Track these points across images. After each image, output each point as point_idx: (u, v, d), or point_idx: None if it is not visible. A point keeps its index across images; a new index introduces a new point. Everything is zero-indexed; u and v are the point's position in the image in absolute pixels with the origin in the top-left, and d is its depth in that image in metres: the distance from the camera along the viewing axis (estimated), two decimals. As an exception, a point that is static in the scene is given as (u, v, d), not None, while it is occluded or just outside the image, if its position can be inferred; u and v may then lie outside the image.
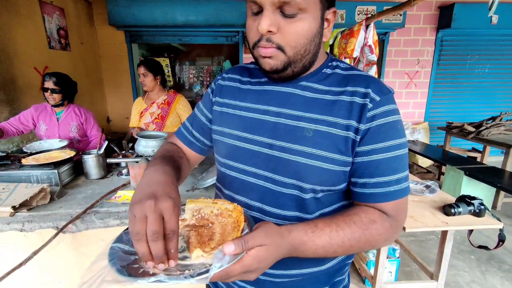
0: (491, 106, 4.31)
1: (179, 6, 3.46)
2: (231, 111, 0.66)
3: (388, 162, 0.55)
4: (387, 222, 0.56)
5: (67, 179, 1.60)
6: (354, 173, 0.57)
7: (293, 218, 0.60)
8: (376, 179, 0.55)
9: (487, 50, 4.14)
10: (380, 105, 0.55)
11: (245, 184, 0.63)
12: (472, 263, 2.16)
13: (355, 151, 0.56)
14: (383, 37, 4.02)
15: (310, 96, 0.59)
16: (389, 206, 0.56)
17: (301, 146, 0.56)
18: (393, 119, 0.55)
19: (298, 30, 0.52)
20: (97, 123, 2.17)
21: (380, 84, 0.57)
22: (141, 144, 1.51)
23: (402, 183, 0.56)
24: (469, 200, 1.45)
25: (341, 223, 0.53)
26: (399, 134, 0.56)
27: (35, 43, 2.63)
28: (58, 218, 1.23)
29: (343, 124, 0.55)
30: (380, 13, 1.71)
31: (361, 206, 0.57)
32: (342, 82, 0.58)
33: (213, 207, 0.57)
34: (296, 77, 0.60)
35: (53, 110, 2.00)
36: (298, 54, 0.54)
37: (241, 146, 0.63)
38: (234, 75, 0.71)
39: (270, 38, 0.52)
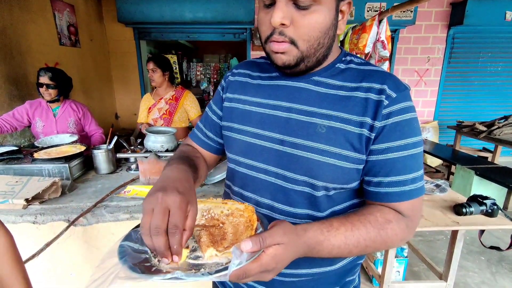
0: (503, 105, 4.22)
1: (187, 3, 3.47)
2: (241, 106, 0.65)
3: (404, 160, 0.53)
4: (403, 222, 0.55)
5: (78, 173, 1.62)
6: (369, 171, 0.56)
7: (304, 216, 0.59)
8: (391, 178, 0.54)
9: (500, 48, 4.04)
10: (396, 102, 0.53)
11: (255, 180, 0.62)
12: (482, 264, 2.12)
13: (369, 149, 0.54)
14: (393, 34, 3.95)
15: (323, 91, 0.57)
16: (404, 205, 0.55)
17: (313, 142, 0.55)
18: (410, 117, 0.54)
19: (312, 23, 0.50)
20: (95, 117, 2.16)
21: (397, 81, 0.55)
22: (150, 140, 1.52)
23: (418, 182, 0.55)
24: (481, 200, 1.42)
25: (356, 223, 0.52)
26: (415, 132, 0.54)
27: (46, 40, 2.67)
28: (69, 211, 1.25)
29: (357, 121, 0.53)
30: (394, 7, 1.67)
31: (376, 205, 0.56)
32: (356, 77, 0.57)
33: (223, 207, 0.55)
34: (309, 71, 0.58)
35: (48, 106, 1.98)
36: (312, 48, 0.53)
37: (252, 142, 0.61)
38: (244, 70, 0.70)
39: (283, 32, 0.51)
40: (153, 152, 1.50)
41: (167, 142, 1.53)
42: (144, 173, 1.52)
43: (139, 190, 1.44)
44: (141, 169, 1.53)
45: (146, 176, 1.51)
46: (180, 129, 2.28)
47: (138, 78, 4.01)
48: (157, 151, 1.50)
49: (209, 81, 5.40)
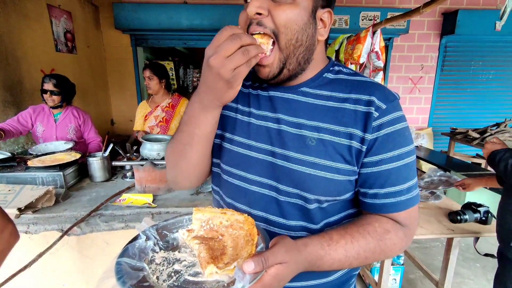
0: (495, 112, 4.29)
1: (184, 10, 3.50)
2: (232, 115, 0.64)
3: (398, 171, 0.54)
4: (401, 232, 0.55)
5: (72, 181, 1.61)
6: (364, 183, 0.56)
7: (298, 228, 0.58)
8: (387, 189, 0.54)
9: (491, 57, 4.13)
10: (387, 113, 0.53)
11: (248, 192, 0.61)
12: (478, 271, 2.13)
13: (362, 161, 0.54)
14: (387, 42, 4.02)
15: (312, 102, 0.57)
16: (401, 215, 0.55)
17: (304, 155, 0.54)
18: (401, 127, 0.54)
19: (288, 13, 0.50)
20: (95, 126, 2.17)
21: (385, 91, 0.55)
22: (146, 147, 1.51)
23: (413, 191, 0.55)
24: (475, 208, 1.44)
25: (355, 234, 0.52)
26: (407, 142, 0.54)
27: (43, 46, 2.66)
28: (63, 221, 1.23)
29: (346, 132, 0.53)
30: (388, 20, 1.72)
31: (374, 216, 0.56)
32: (345, 88, 0.56)
33: (222, 217, 0.54)
34: (294, 78, 0.57)
35: (50, 112, 2.01)
36: (290, 44, 0.52)
37: (244, 153, 0.60)
38: None
39: (261, 22, 0.50)
40: (149, 160, 1.49)
41: (163, 150, 1.52)
42: (140, 181, 1.51)
43: (135, 199, 1.43)
44: (136, 177, 1.52)
45: (141, 184, 1.51)
46: None
47: (135, 84, 4.01)
48: (153, 159, 1.50)
49: (205, 87, 5.41)
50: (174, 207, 1.36)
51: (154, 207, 1.36)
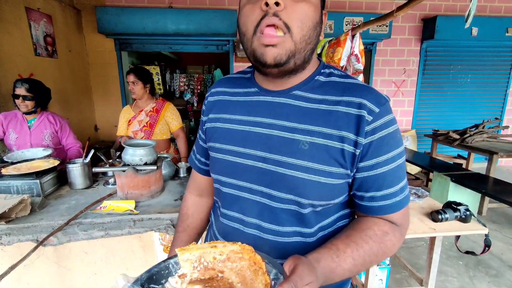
0: (474, 114, 4.47)
1: (169, 15, 3.48)
2: (221, 125, 0.64)
3: (393, 173, 0.54)
4: (398, 232, 0.56)
5: (50, 189, 1.54)
6: (360, 187, 0.56)
7: (292, 233, 0.58)
8: (383, 191, 0.55)
9: (468, 61, 4.31)
10: (380, 117, 0.52)
11: (240, 200, 0.61)
12: (461, 268, 2.18)
13: (357, 165, 0.54)
14: (370, 47, 4.13)
15: (304, 106, 0.56)
16: (397, 216, 0.56)
17: (297, 159, 0.54)
18: (393, 129, 0.54)
19: (305, 10, 0.49)
20: (74, 131, 2.10)
21: (377, 94, 0.55)
22: (128, 153, 1.48)
23: (405, 191, 0.57)
24: (455, 206, 1.48)
25: (359, 241, 0.52)
26: (399, 143, 0.55)
27: (21, 50, 2.58)
28: (38, 231, 1.18)
29: (338, 136, 0.53)
30: (365, 23, 1.77)
31: (371, 218, 0.56)
32: (337, 91, 0.55)
33: (214, 252, 0.46)
34: (291, 74, 0.56)
35: (24, 118, 1.92)
36: (303, 39, 0.50)
37: (234, 161, 0.60)
38: (221, 87, 0.68)
39: (277, 13, 0.48)
40: (131, 165, 1.45)
41: (146, 155, 1.49)
42: (122, 187, 1.47)
43: (116, 206, 1.39)
44: (118, 183, 1.48)
45: (124, 190, 1.46)
46: (162, 141, 2.24)
47: (119, 89, 3.93)
48: (135, 165, 1.46)
49: (192, 92, 5.38)
50: (157, 213, 1.32)
51: (136, 214, 1.32)
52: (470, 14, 1.02)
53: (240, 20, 0.53)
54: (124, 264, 1.26)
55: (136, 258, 1.26)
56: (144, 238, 1.26)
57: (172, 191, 1.59)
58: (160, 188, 1.55)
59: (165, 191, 1.59)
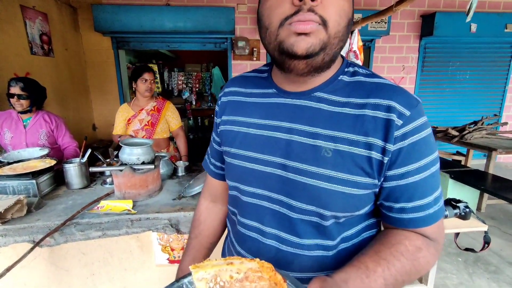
0: (473, 110, 4.46)
1: (167, 12, 3.45)
2: (236, 129, 0.60)
3: (425, 182, 0.49)
4: (432, 247, 0.51)
5: (47, 190, 1.53)
6: (388, 197, 0.51)
7: (313, 247, 0.54)
8: (414, 203, 0.49)
9: (467, 57, 4.30)
10: (411, 121, 0.47)
11: (258, 209, 0.57)
12: (460, 265, 2.19)
13: (384, 174, 0.49)
14: (369, 44, 4.11)
15: (326, 109, 0.51)
16: (430, 229, 0.51)
17: (319, 168, 0.49)
18: (426, 134, 0.49)
19: (342, 4, 0.45)
20: (70, 130, 2.08)
21: (408, 95, 0.49)
22: (126, 152, 1.46)
23: (439, 202, 0.51)
24: (454, 203, 1.47)
25: (390, 258, 0.47)
26: (432, 149, 0.50)
27: (16, 49, 2.55)
28: (35, 231, 1.17)
29: (364, 142, 0.48)
30: (364, 19, 1.75)
31: (402, 232, 0.51)
32: (363, 92, 0.50)
33: (230, 270, 0.43)
34: (322, 69, 0.50)
35: (19, 117, 1.90)
36: (337, 35, 0.46)
37: (251, 168, 0.56)
38: (236, 87, 0.64)
39: (313, 8, 0.43)
40: (128, 165, 1.44)
41: (143, 154, 1.48)
42: (119, 186, 1.45)
43: (114, 205, 1.37)
44: (115, 183, 1.46)
45: (121, 190, 1.45)
46: (162, 139, 2.25)
47: (117, 88, 3.91)
48: (132, 164, 1.45)
49: (191, 90, 5.36)
50: (154, 213, 1.31)
51: (134, 214, 1.31)
52: (472, 8, 1.01)
53: (264, 13, 0.47)
54: (122, 264, 1.25)
55: (134, 259, 1.25)
56: (142, 238, 1.25)
57: (170, 190, 1.58)
58: (158, 187, 1.54)
59: (163, 190, 1.58)
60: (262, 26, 0.49)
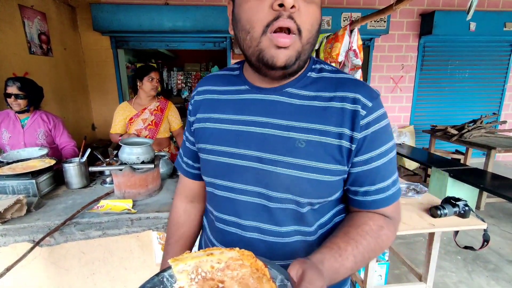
0: (472, 109, 4.47)
1: (166, 12, 3.44)
2: (212, 125, 0.61)
3: (385, 166, 0.55)
4: (392, 225, 0.57)
5: (47, 189, 1.53)
6: (354, 182, 0.56)
7: (292, 233, 0.57)
8: (377, 185, 0.55)
9: (466, 56, 4.31)
10: (373, 111, 0.53)
11: (236, 203, 0.58)
12: (459, 263, 2.19)
13: (351, 160, 0.54)
14: (368, 42, 4.11)
15: (298, 103, 0.55)
16: (390, 209, 0.57)
17: (294, 158, 0.53)
18: (385, 123, 0.54)
19: (314, 13, 0.48)
20: (68, 130, 2.08)
21: (369, 88, 0.55)
22: (125, 151, 1.46)
23: (397, 184, 0.58)
24: (454, 202, 1.48)
25: (357, 237, 0.52)
26: (390, 137, 0.56)
27: (15, 49, 2.54)
28: (34, 231, 1.16)
29: (335, 132, 0.52)
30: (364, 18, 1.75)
31: (366, 214, 0.57)
32: (330, 86, 0.55)
33: (211, 260, 0.43)
34: (296, 72, 0.55)
35: (17, 117, 1.90)
36: (309, 41, 0.50)
37: (227, 162, 0.58)
38: (209, 86, 0.65)
39: (292, 16, 0.46)
40: (128, 164, 1.44)
41: (143, 153, 1.47)
42: (119, 186, 1.45)
43: (113, 205, 1.37)
44: (115, 182, 1.46)
45: (121, 189, 1.45)
46: (164, 139, 2.27)
47: (116, 87, 3.90)
48: (132, 163, 1.45)
49: (190, 89, 5.35)
50: (154, 212, 1.31)
51: (134, 213, 1.31)
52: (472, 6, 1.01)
53: (242, 15, 0.49)
54: (122, 264, 1.25)
55: (134, 258, 1.25)
56: (142, 237, 1.25)
57: (170, 189, 1.58)
58: (157, 186, 1.54)
59: (163, 189, 1.58)
60: (241, 29, 0.50)
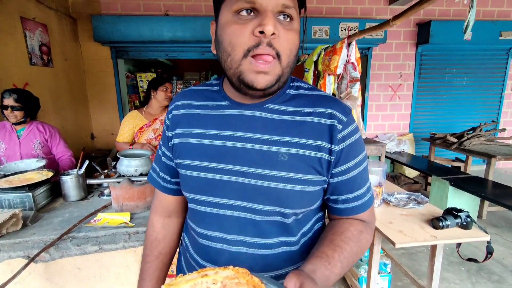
0: (470, 117, 4.48)
1: (166, 22, 3.48)
2: (192, 141, 0.60)
3: (361, 175, 0.60)
4: (369, 229, 0.62)
5: (44, 202, 1.51)
6: (334, 191, 0.60)
7: (277, 244, 0.59)
8: (354, 193, 0.60)
9: (463, 64, 4.34)
10: (348, 125, 0.57)
11: (220, 218, 0.59)
12: (463, 274, 2.16)
13: (331, 171, 0.57)
14: (366, 51, 4.15)
15: (278, 118, 0.57)
16: (367, 214, 0.62)
17: (278, 171, 0.54)
18: (358, 136, 0.59)
19: (292, 38, 0.50)
20: (64, 139, 2.07)
21: (342, 104, 0.59)
22: (123, 164, 1.45)
23: (371, 190, 0.63)
24: (456, 213, 1.46)
25: (341, 244, 0.55)
26: (362, 148, 0.60)
27: (15, 60, 2.56)
28: (30, 246, 1.14)
29: (314, 145, 0.55)
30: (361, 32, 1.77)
31: (345, 220, 0.61)
32: (308, 103, 0.58)
33: (206, 281, 0.42)
34: (275, 92, 0.57)
35: (13, 128, 1.90)
36: (288, 65, 0.52)
37: (210, 178, 0.58)
38: (187, 100, 0.64)
39: (271, 43, 0.48)
40: (126, 176, 1.43)
41: (141, 165, 1.47)
42: (117, 199, 1.44)
43: (111, 218, 1.36)
44: (113, 195, 1.45)
45: (119, 202, 1.43)
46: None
47: (116, 97, 3.91)
48: (130, 176, 1.43)
49: (190, 98, 5.37)
50: (152, 226, 1.29)
51: (132, 227, 1.29)
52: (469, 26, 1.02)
53: (224, 37, 0.51)
54: (119, 279, 1.23)
55: (131, 273, 1.23)
56: (139, 252, 1.23)
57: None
58: (156, 199, 1.52)
59: (161, 201, 1.56)
60: (223, 50, 0.52)
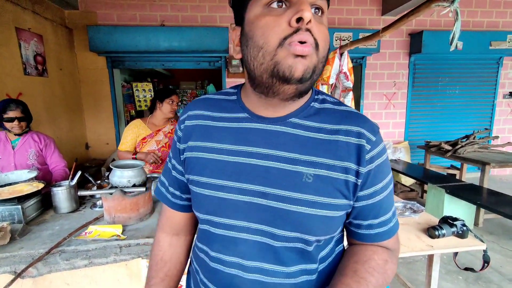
0: (464, 124, 4.54)
1: (162, 32, 3.52)
2: (206, 155, 0.55)
3: (387, 199, 0.55)
4: (394, 257, 0.57)
5: (34, 214, 1.47)
6: (358, 215, 0.54)
7: (298, 273, 0.53)
8: (380, 218, 0.55)
9: (456, 73, 4.43)
10: (376, 145, 0.52)
11: (237, 242, 0.53)
12: (460, 283, 2.13)
13: (357, 194, 0.52)
14: (360, 61, 4.22)
15: (302, 134, 0.52)
16: (392, 241, 0.57)
17: (301, 194, 0.49)
18: (386, 156, 0.55)
19: (325, 31, 0.48)
20: (59, 150, 2.06)
21: (371, 122, 0.54)
22: (116, 175, 1.43)
23: (396, 215, 0.58)
24: (451, 222, 1.45)
25: (366, 275, 0.51)
26: (389, 169, 0.56)
27: (9, 70, 2.55)
28: (17, 261, 1.11)
29: (341, 167, 0.50)
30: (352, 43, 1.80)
31: (370, 247, 0.56)
32: (334, 119, 0.53)
33: None
34: (301, 95, 0.51)
35: (7, 138, 1.89)
36: (322, 60, 0.48)
37: (226, 198, 0.52)
38: (201, 110, 0.59)
39: (310, 29, 0.45)
40: (118, 187, 1.40)
41: (134, 176, 1.44)
42: (109, 210, 1.41)
43: (102, 231, 1.32)
44: (105, 207, 1.42)
45: (111, 214, 1.41)
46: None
47: (111, 106, 3.91)
48: (123, 187, 1.41)
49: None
50: (145, 238, 1.26)
51: (123, 239, 1.26)
52: (455, 37, 1.04)
53: (256, 32, 0.46)
54: (109, 294, 1.19)
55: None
56: (131, 266, 1.19)
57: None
58: (149, 210, 1.50)
59: (155, 212, 1.54)
60: (253, 46, 0.47)
